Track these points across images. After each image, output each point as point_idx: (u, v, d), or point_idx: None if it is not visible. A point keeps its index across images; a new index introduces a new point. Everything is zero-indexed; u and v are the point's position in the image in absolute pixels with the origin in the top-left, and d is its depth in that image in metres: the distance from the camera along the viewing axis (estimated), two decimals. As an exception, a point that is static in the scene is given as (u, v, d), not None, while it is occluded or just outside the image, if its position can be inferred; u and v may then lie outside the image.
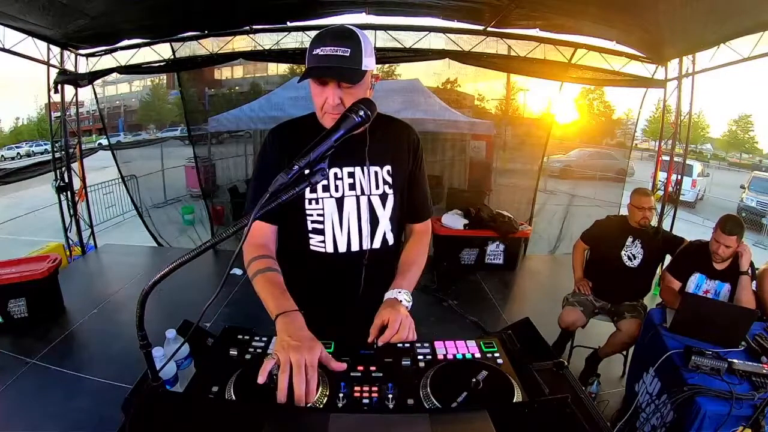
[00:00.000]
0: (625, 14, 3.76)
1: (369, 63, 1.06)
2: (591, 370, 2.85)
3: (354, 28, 1.07)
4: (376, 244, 1.23)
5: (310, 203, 1.19)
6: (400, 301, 1.15)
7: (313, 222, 1.20)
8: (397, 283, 1.20)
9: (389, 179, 1.22)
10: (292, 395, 0.82)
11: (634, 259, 2.82)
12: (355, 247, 1.21)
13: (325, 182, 1.17)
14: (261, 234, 1.21)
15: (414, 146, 1.27)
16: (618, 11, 3.74)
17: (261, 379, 0.85)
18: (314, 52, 1.03)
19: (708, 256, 2.51)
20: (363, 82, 1.06)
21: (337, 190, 1.19)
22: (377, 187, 1.21)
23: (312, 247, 1.22)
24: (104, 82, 5.46)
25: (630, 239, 2.84)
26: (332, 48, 1.02)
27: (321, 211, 1.19)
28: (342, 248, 1.21)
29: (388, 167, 1.22)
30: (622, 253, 2.84)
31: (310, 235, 1.22)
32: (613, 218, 3.20)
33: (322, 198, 1.19)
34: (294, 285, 1.19)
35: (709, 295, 2.50)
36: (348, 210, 1.19)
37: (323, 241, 1.21)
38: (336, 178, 1.18)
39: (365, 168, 1.19)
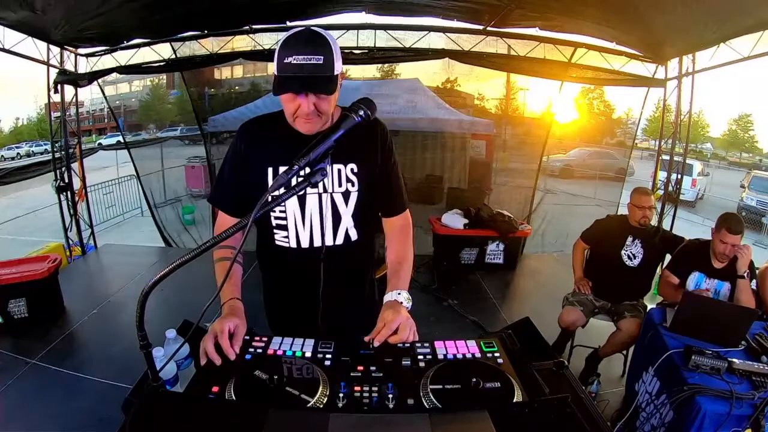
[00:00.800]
0: (624, 14, 3.75)
1: (339, 66, 1.05)
2: (591, 369, 2.85)
3: (322, 31, 1.04)
4: (339, 240, 1.25)
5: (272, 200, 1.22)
6: (401, 302, 1.16)
7: (276, 218, 1.23)
8: (393, 284, 1.22)
9: (353, 177, 1.22)
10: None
11: (634, 258, 2.81)
12: (317, 243, 1.24)
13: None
14: (226, 225, 1.21)
15: (382, 140, 1.26)
16: (617, 11, 3.73)
17: (202, 360, 0.97)
18: (286, 60, 1.01)
19: (707, 255, 2.51)
20: (336, 86, 1.06)
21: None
22: (340, 185, 1.21)
23: (277, 242, 1.26)
24: (104, 82, 5.45)
25: (630, 239, 2.84)
26: (305, 57, 0.99)
27: (283, 208, 1.21)
28: (305, 244, 1.24)
29: (352, 165, 1.21)
30: (622, 252, 2.84)
31: (275, 231, 1.25)
32: (613, 217, 3.19)
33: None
34: (270, 280, 1.39)
35: (709, 293, 2.49)
36: (310, 207, 1.21)
37: (287, 237, 1.24)
38: (298, 176, 1.19)
39: (328, 166, 1.19)
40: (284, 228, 1.24)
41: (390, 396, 0.85)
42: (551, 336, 2.91)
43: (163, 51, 5.04)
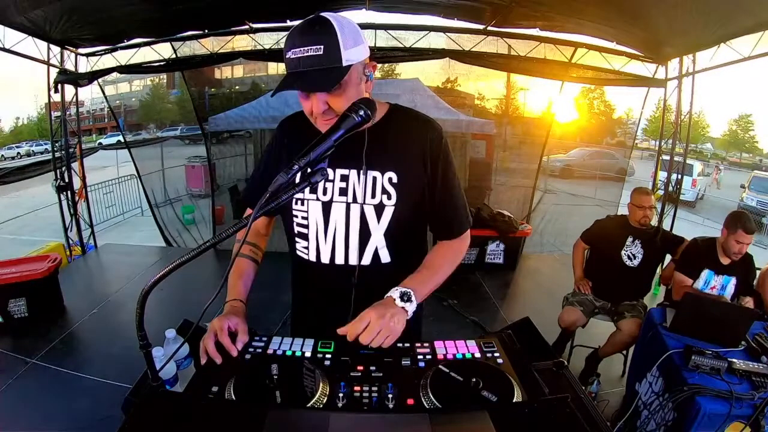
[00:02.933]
0: (625, 14, 3.76)
1: (353, 55, 0.92)
2: (591, 369, 2.85)
3: (329, 16, 0.91)
4: (366, 260, 1.08)
5: (296, 203, 1.09)
6: (394, 299, 0.98)
7: (298, 225, 1.11)
8: (404, 282, 1.04)
9: (390, 189, 1.04)
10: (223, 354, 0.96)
11: (634, 258, 2.81)
12: (339, 260, 1.09)
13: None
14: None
15: (433, 150, 1.07)
16: (618, 11, 3.73)
17: (202, 359, 0.95)
18: (287, 56, 0.91)
19: (715, 252, 2.54)
20: (348, 79, 0.93)
21: (325, 193, 1.06)
22: (373, 196, 1.05)
23: (298, 252, 1.15)
24: (104, 82, 5.46)
25: (630, 239, 2.84)
26: (302, 48, 0.88)
27: (306, 214, 1.09)
28: (325, 259, 1.09)
29: (390, 174, 1.05)
30: (622, 252, 2.84)
31: (296, 238, 1.13)
32: (614, 218, 3.20)
33: (308, 200, 1.08)
34: (296, 291, 1.27)
35: (716, 291, 2.52)
36: (335, 217, 1.06)
37: (307, 248, 1.12)
38: (326, 180, 1.06)
39: (362, 172, 1.04)
40: (305, 237, 1.10)
41: (390, 396, 0.85)
42: (551, 336, 2.91)
43: (163, 51, 5.05)
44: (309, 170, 0.85)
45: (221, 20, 4.73)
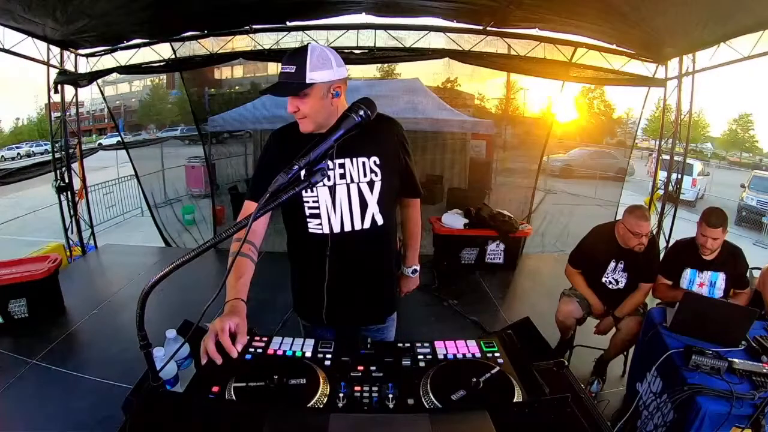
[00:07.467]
0: (623, 16, 3.74)
1: (317, 76, 1.20)
2: (600, 374, 2.83)
3: (311, 46, 1.22)
4: (366, 225, 1.38)
5: (306, 191, 1.33)
6: (409, 276, 1.76)
7: (309, 208, 1.36)
8: (407, 259, 1.76)
9: (376, 168, 1.36)
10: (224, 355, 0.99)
11: (618, 283, 2.71)
12: (347, 228, 1.37)
13: None
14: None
15: (400, 138, 1.44)
16: (617, 13, 3.72)
17: (203, 359, 0.98)
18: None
19: (695, 250, 2.51)
20: (311, 92, 1.21)
21: (329, 179, 1.33)
22: (365, 175, 1.35)
23: (311, 230, 1.38)
24: (104, 82, 5.46)
25: (612, 264, 2.68)
26: (285, 66, 1.22)
27: (316, 198, 1.34)
28: (336, 229, 1.37)
29: (375, 158, 1.36)
30: (603, 279, 2.73)
31: (308, 219, 1.37)
32: (600, 232, 2.79)
33: (317, 187, 1.32)
34: (300, 262, 1.50)
35: (704, 287, 2.52)
36: (340, 196, 1.35)
37: (320, 224, 1.37)
38: (328, 168, 1.26)
39: (353, 159, 1.34)
40: (317, 216, 1.36)
41: (390, 396, 0.85)
42: (551, 336, 2.90)
43: (163, 51, 5.04)
44: (309, 170, 0.89)
45: (222, 22, 4.73)
